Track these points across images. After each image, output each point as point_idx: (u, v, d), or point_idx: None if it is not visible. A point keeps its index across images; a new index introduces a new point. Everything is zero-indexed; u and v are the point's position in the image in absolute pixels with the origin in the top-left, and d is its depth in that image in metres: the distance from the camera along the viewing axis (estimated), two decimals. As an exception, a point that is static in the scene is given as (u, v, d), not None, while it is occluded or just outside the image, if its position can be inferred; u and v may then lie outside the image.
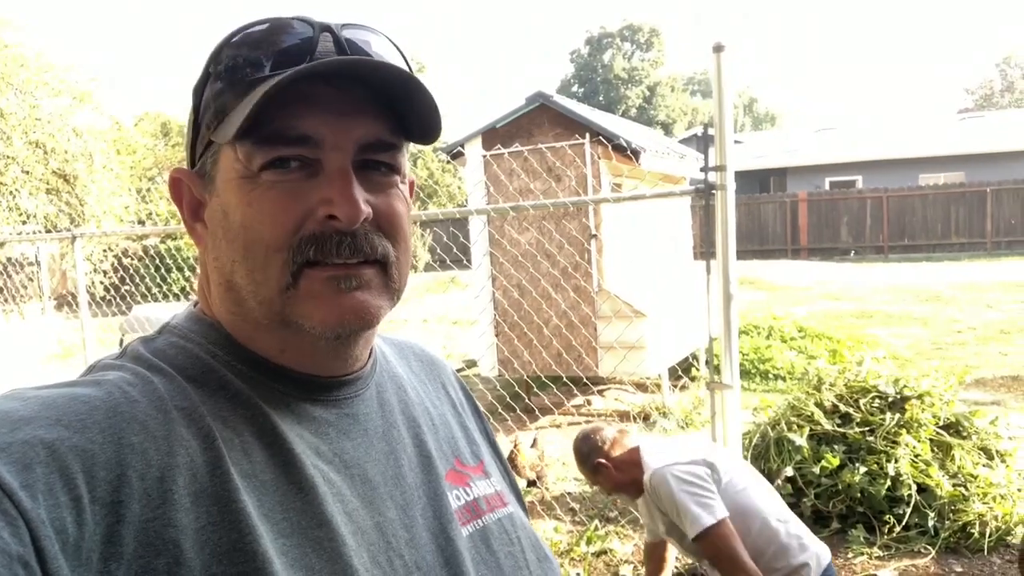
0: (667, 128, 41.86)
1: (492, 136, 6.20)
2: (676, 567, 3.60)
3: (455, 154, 6.53)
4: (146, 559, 0.51)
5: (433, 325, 11.62)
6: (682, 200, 7.55)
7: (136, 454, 0.54)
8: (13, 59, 11.88)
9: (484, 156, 6.15)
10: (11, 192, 11.95)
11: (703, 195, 3.10)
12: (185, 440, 0.57)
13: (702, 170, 3.06)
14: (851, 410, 4.21)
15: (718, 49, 2.89)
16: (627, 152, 5.72)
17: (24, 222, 12.28)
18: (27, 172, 12.08)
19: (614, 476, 2.48)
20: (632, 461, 2.46)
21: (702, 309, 3.25)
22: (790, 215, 21.08)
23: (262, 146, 0.60)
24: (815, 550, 2.31)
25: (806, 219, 20.90)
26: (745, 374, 7.84)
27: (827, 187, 23.06)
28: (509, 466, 0.89)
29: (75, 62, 12.88)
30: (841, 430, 4.13)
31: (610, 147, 5.64)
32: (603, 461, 2.49)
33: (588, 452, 2.53)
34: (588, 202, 3.09)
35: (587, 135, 5.86)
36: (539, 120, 6.11)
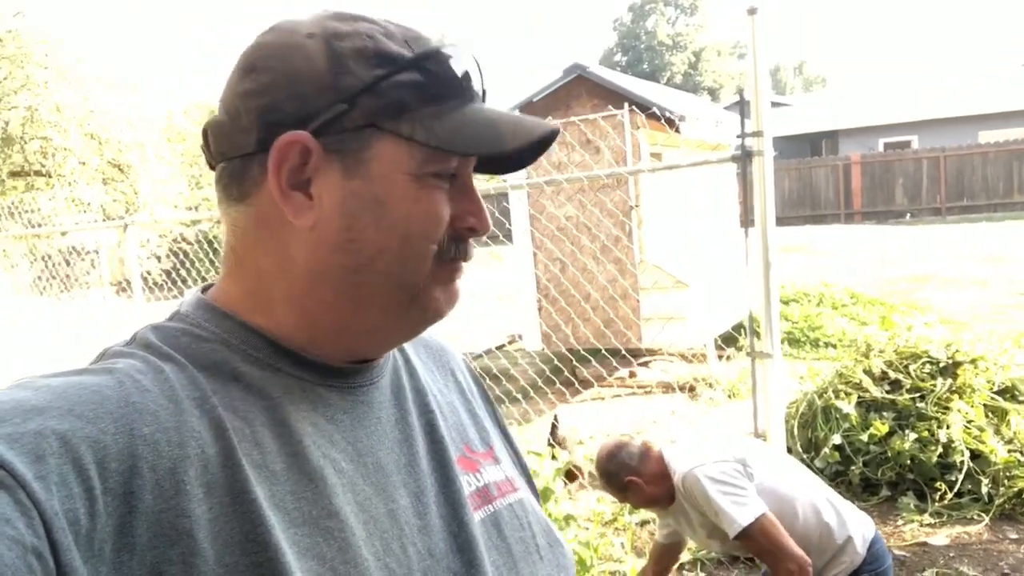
0: (714, 94, 41.02)
1: (530, 110, 6.16)
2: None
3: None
4: (160, 549, 0.52)
5: (478, 301, 11.69)
6: (726, 167, 7.42)
7: (148, 445, 0.54)
8: (68, 54, 12.22)
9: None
10: (69, 183, 12.35)
11: (740, 162, 3.05)
12: (196, 431, 0.57)
13: (739, 136, 3.01)
14: (901, 376, 4.13)
15: (752, 12, 2.83)
16: (666, 121, 5.64)
17: (83, 211, 12.70)
18: (83, 163, 12.46)
19: (646, 492, 2.34)
20: (662, 472, 2.33)
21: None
22: (842, 178, 20.51)
23: (440, 157, 0.64)
24: (858, 524, 2.27)
25: (859, 182, 20.32)
26: (795, 342, 7.72)
27: (881, 148, 22.37)
28: (521, 452, 0.89)
29: (126, 54, 13.20)
30: (890, 397, 4.05)
31: (647, 116, 5.57)
32: (634, 479, 2.34)
33: (616, 471, 2.37)
34: (622, 173, 3.06)
35: (625, 105, 5.79)
36: (576, 92, 6.06)
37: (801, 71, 54.19)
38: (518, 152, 0.68)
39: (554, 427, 4.22)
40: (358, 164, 0.63)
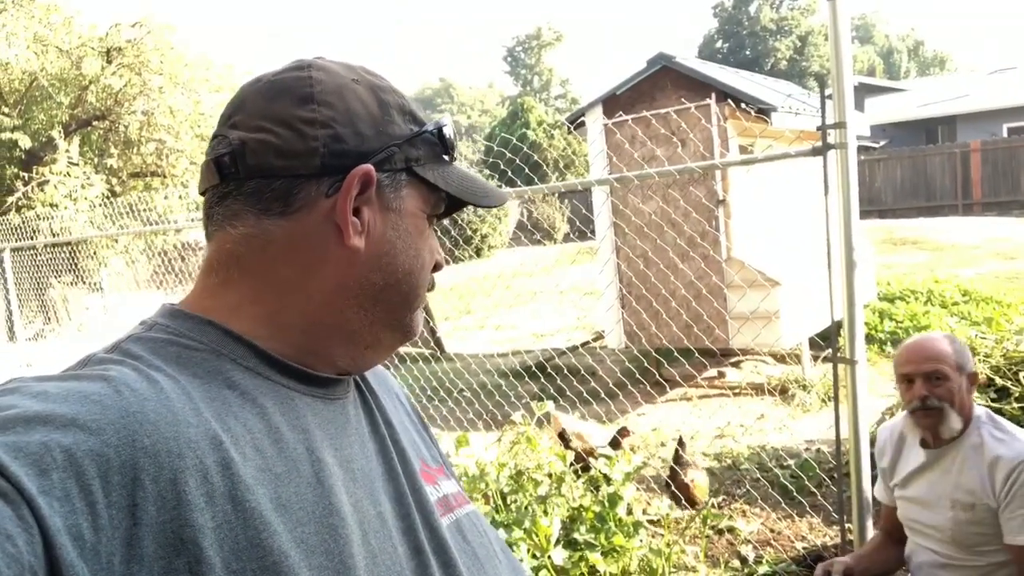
0: (821, 79, 39.35)
1: (613, 103, 6.04)
2: (801, 548, 3.43)
3: (578, 124, 6.44)
4: (167, 559, 0.53)
5: (568, 296, 11.62)
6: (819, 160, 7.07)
7: (148, 457, 0.55)
8: (177, 59, 12.91)
9: (605, 125, 6.02)
10: (182, 183, 13.05)
11: (821, 154, 2.89)
12: (193, 441, 0.58)
13: (818, 128, 2.85)
14: (1008, 383, 3.81)
15: (831, -4, 2.67)
16: (756, 111, 5.41)
17: (196, 209, 13.40)
18: (194, 163, 13.14)
19: (967, 399, 2.14)
20: (971, 404, 2.16)
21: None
22: (960, 167, 19.19)
23: (439, 203, 0.78)
24: None
25: (979, 170, 18.97)
26: (898, 344, 7.30)
27: (1004, 134, 20.82)
28: (455, 473, 0.95)
29: (231, 60, 13.84)
30: (996, 405, 3.74)
31: (736, 108, 5.36)
32: (976, 376, 2.18)
33: (969, 359, 2.17)
34: (694, 169, 2.93)
35: (712, 96, 5.58)
36: (662, 83, 5.89)
37: (917, 53, 51.19)
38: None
39: (616, 440, 4.07)
40: (396, 199, 0.74)
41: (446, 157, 0.79)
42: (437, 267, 0.81)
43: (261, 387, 0.67)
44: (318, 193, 0.70)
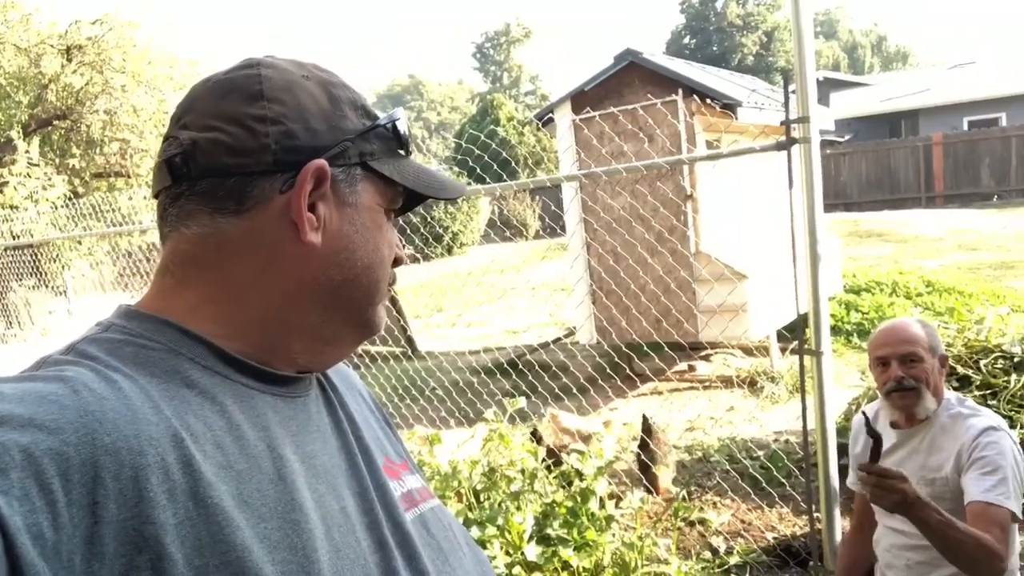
0: (786, 75, 39.79)
1: (581, 100, 6.06)
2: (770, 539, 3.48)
3: (546, 121, 6.44)
4: (128, 556, 0.53)
5: (540, 293, 11.64)
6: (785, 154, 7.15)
7: (109, 455, 0.55)
8: (140, 57, 12.67)
9: (573, 121, 6.03)
10: (146, 183, 12.84)
11: (785, 149, 2.92)
12: (154, 439, 0.58)
13: (782, 123, 2.88)
14: (970, 372, 3.89)
15: (795, -9, 2.71)
16: (720, 106, 5.45)
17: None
18: (159, 163, 12.95)
19: (939, 380, 2.18)
20: (942, 388, 2.20)
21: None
22: (923, 160, 19.54)
23: (396, 197, 0.78)
24: None
25: (941, 163, 19.33)
26: (865, 335, 7.42)
27: (965, 127, 21.24)
28: (420, 469, 0.95)
29: (197, 57, 13.60)
30: (958, 394, 3.82)
31: (703, 103, 5.39)
32: (946, 358, 2.24)
33: (940, 342, 2.22)
34: (661, 165, 2.95)
35: (678, 92, 5.62)
36: (629, 80, 5.91)
37: (880, 48, 51.99)
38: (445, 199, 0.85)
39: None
40: (351, 194, 0.73)
41: (401, 151, 0.79)
42: (397, 262, 0.81)
43: (220, 385, 0.67)
44: (272, 190, 0.69)
